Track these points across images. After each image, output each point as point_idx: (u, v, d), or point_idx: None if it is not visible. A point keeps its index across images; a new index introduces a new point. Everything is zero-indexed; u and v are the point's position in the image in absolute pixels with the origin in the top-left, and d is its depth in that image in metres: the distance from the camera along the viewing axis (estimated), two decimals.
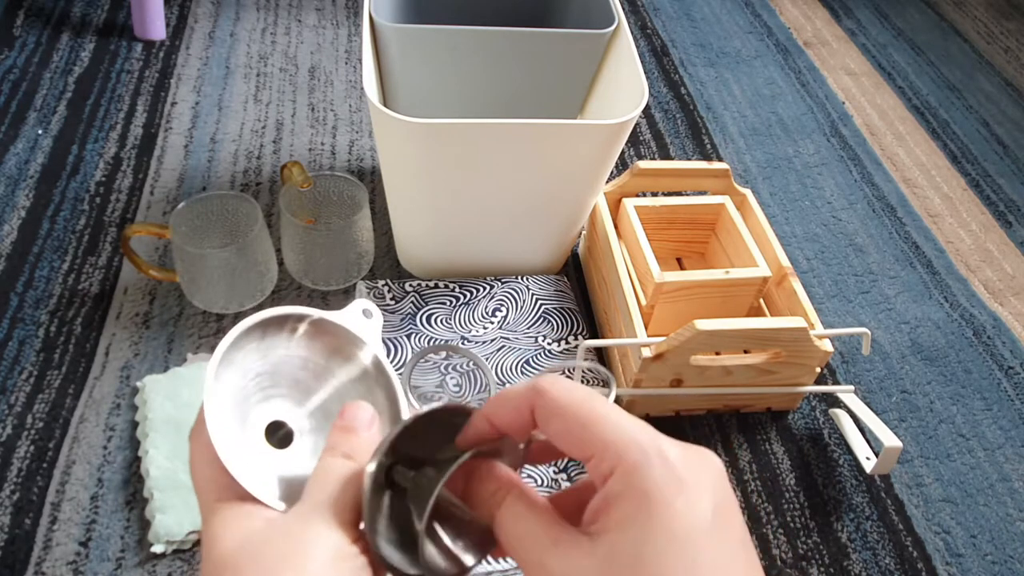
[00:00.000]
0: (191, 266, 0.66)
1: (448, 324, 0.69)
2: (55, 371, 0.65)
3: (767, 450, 0.68)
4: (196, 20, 1.05)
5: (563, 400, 0.26)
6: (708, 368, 0.64)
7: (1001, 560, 0.63)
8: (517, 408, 0.28)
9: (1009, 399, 0.74)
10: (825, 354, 0.64)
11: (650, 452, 0.25)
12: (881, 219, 0.92)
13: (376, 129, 0.62)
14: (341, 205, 0.74)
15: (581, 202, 0.69)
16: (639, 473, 0.24)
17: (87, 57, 0.97)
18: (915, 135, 1.05)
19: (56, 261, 0.73)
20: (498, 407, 0.29)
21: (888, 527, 0.64)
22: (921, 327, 0.80)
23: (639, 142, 0.97)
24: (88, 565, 0.54)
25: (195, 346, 0.68)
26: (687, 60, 1.12)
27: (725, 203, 0.74)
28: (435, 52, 0.70)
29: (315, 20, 1.08)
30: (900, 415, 0.72)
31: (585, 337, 0.71)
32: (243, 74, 0.97)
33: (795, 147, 1.00)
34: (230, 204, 0.70)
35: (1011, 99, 1.15)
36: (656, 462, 0.24)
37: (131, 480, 0.59)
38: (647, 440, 0.25)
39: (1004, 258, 0.90)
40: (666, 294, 0.66)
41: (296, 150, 0.88)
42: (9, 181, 0.80)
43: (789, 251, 0.86)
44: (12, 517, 0.56)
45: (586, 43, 0.71)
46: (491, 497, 0.29)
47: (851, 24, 1.26)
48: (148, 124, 0.89)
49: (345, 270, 0.73)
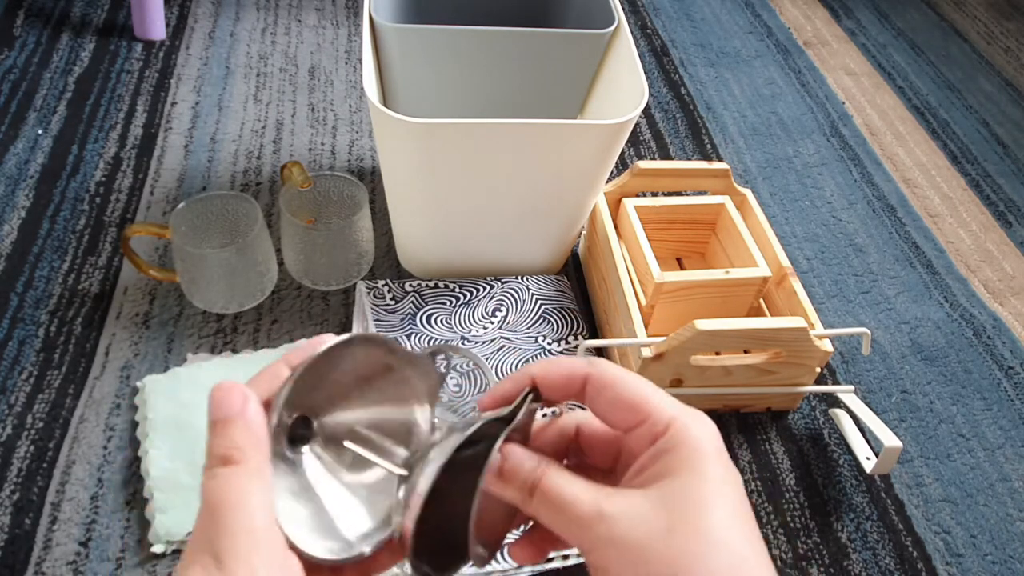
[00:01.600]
0: (191, 266, 0.66)
1: (448, 324, 0.69)
2: (55, 371, 0.65)
3: (767, 450, 0.68)
4: (196, 20, 1.05)
5: (617, 373, 0.30)
6: (708, 368, 0.64)
7: (1001, 560, 0.63)
8: (570, 374, 0.31)
9: (1009, 399, 0.74)
10: (825, 354, 0.64)
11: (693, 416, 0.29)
12: (881, 219, 0.92)
13: (376, 129, 0.62)
14: (341, 205, 0.74)
15: (581, 202, 0.69)
16: (690, 432, 0.28)
17: (87, 57, 0.97)
18: (915, 135, 1.05)
19: (56, 261, 0.73)
20: (548, 368, 0.31)
21: (888, 527, 0.64)
22: (921, 327, 0.80)
23: (639, 142, 0.97)
24: (88, 565, 0.54)
25: (195, 346, 0.68)
26: (687, 60, 1.12)
27: (725, 203, 0.74)
28: (435, 52, 0.70)
29: (315, 20, 1.08)
30: (900, 415, 0.72)
31: (585, 337, 0.71)
32: (243, 74, 0.97)
33: (795, 147, 1.00)
34: (230, 204, 0.70)
35: (1011, 99, 1.15)
36: (697, 423, 0.29)
37: (131, 480, 0.59)
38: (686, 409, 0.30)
39: (1004, 258, 0.90)
40: (666, 294, 0.66)
41: (296, 150, 0.88)
42: (9, 181, 0.80)
43: (789, 251, 0.86)
44: (12, 517, 0.56)
45: (586, 43, 0.71)
46: (532, 473, 0.29)
47: (851, 24, 1.26)
48: (148, 124, 0.89)
49: (345, 270, 0.73)
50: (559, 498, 0.28)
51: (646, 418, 0.29)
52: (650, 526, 0.26)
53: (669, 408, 0.29)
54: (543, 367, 0.31)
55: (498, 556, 0.55)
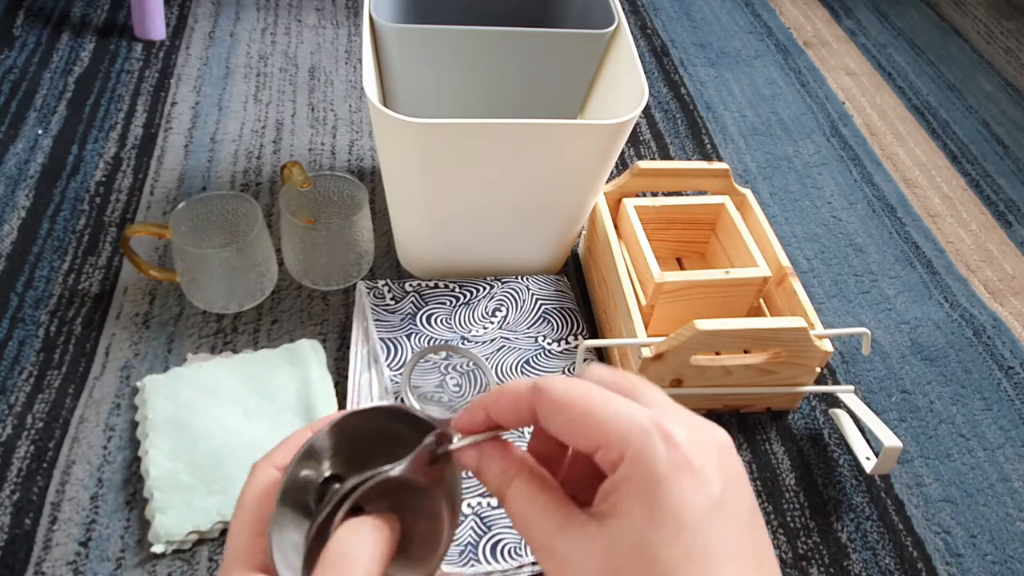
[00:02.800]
0: (191, 266, 0.66)
1: (448, 324, 0.69)
2: (55, 371, 0.65)
3: (767, 450, 0.68)
4: (196, 20, 1.05)
5: (562, 395, 0.27)
6: (708, 368, 0.64)
7: (1001, 560, 0.63)
8: (516, 402, 0.28)
9: (1009, 399, 0.74)
10: (825, 354, 0.64)
11: (654, 436, 0.25)
12: (881, 219, 0.92)
13: (376, 129, 0.62)
14: (341, 205, 0.74)
15: (581, 202, 0.69)
16: (644, 458, 0.24)
17: (87, 57, 0.97)
18: (915, 135, 1.05)
19: (56, 261, 0.73)
20: (497, 398, 0.29)
21: (888, 527, 0.64)
22: (921, 327, 0.80)
23: (639, 142, 0.97)
24: (88, 565, 0.54)
25: (195, 346, 0.68)
26: (687, 60, 1.12)
27: (725, 203, 0.74)
28: (435, 52, 0.70)
29: (315, 20, 1.08)
30: (900, 415, 0.72)
31: (585, 337, 0.71)
32: (243, 74, 0.97)
33: (795, 147, 1.00)
34: (230, 204, 0.70)
35: (1011, 99, 1.15)
36: (660, 446, 0.24)
37: (131, 480, 0.59)
38: (651, 424, 0.25)
39: (1004, 258, 0.90)
40: (666, 294, 0.66)
41: (296, 150, 0.88)
42: (9, 181, 0.80)
43: (789, 251, 0.86)
44: (12, 517, 0.56)
45: (586, 43, 0.71)
46: (500, 476, 0.29)
47: (851, 24, 1.26)
48: (148, 124, 0.89)
49: (345, 270, 0.73)
50: (518, 513, 0.28)
51: (599, 445, 0.26)
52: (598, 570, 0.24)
53: (625, 429, 0.25)
54: (492, 397, 0.29)
55: (498, 556, 0.55)
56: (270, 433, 0.60)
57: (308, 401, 0.62)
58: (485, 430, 0.30)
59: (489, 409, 0.29)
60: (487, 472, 0.29)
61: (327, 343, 0.69)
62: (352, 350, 0.67)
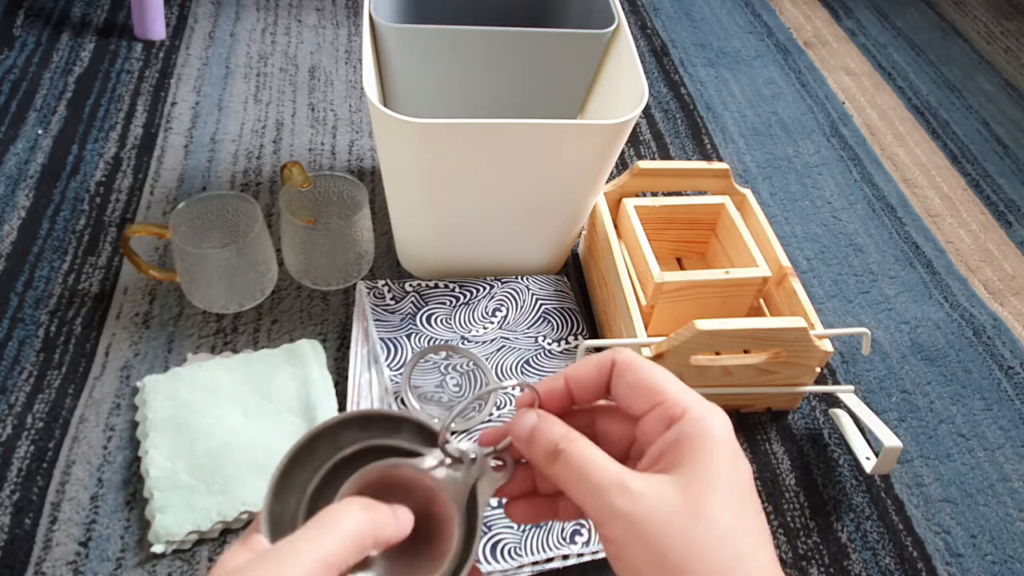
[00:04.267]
0: (191, 266, 0.66)
1: (448, 324, 0.69)
2: (55, 371, 0.65)
3: (767, 450, 0.68)
4: (196, 20, 1.05)
5: (638, 358, 0.32)
6: (708, 368, 0.64)
7: (1001, 560, 0.63)
8: (598, 365, 0.32)
9: (1009, 399, 0.74)
10: (825, 354, 0.64)
11: (709, 407, 0.30)
12: (881, 219, 0.92)
13: (376, 129, 0.62)
14: (341, 205, 0.74)
15: (581, 202, 0.69)
16: (706, 421, 0.30)
17: (87, 57, 0.97)
18: (915, 135, 1.05)
19: (56, 261, 0.73)
20: (579, 366, 0.33)
21: (888, 527, 0.64)
22: (921, 327, 0.80)
23: (639, 142, 0.97)
24: (88, 565, 0.54)
25: (195, 346, 0.68)
26: (687, 60, 1.12)
27: (725, 203, 0.74)
28: (435, 52, 0.70)
29: (315, 20, 1.08)
30: (900, 415, 0.72)
31: (585, 337, 0.71)
32: (243, 74, 0.97)
33: (795, 147, 1.00)
34: (230, 204, 0.70)
35: (1011, 99, 1.15)
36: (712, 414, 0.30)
37: (131, 480, 0.59)
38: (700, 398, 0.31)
39: (1004, 258, 0.90)
40: (666, 294, 0.66)
41: (296, 150, 0.88)
42: (9, 181, 0.80)
43: (789, 251, 0.86)
44: (12, 517, 0.56)
45: (586, 43, 0.71)
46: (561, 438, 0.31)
47: (851, 24, 1.26)
48: (148, 124, 0.89)
49: (345, 270, 0.73)
50: (584, 462, 0.29)
51: (662, 401, 0.30)
52: (674, 510, 0.27)
53: (684, 396, 0.30)
54: (573, 367, 0.33)
55: (498, 556, 0.55)
56: (270, 433, 0.60)
57: (308, 401, 0.62)
58: (561, 398, 0.33)
59: (568, 376, 0.33)
60: (550, 432, 0.31)
61: (327, 343, 0.69)
62: (352, 350, 0.67)
